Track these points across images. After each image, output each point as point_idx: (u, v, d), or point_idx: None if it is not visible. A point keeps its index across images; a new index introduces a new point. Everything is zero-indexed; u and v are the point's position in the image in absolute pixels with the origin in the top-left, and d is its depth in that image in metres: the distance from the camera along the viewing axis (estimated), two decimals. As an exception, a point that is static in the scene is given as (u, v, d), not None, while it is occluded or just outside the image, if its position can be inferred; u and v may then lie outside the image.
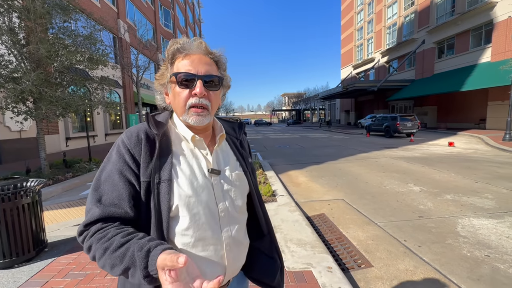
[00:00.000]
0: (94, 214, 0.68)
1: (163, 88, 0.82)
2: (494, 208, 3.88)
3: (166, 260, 0.53)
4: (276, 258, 0.93)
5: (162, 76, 0.81)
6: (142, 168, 0.71)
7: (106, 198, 0.69)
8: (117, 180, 0.70)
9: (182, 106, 0.76)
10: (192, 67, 0.74)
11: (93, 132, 13.83)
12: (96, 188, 0.72)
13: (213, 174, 0.77)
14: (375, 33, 30.56)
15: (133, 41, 16.89)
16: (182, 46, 0.75)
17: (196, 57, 0.76)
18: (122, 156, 0.72)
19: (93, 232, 0.66)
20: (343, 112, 39.49)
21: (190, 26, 38.86)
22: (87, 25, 6.93)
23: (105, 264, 0.62)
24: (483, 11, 17.17)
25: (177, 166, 0.74)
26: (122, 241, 0.62)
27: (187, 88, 0.74)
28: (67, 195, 5.34)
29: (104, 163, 0.75)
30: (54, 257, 2.64)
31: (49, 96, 5.84)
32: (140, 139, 0.73)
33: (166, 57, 0.79)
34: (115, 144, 0.76)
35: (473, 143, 11.76)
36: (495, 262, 2.50)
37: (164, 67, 0.81)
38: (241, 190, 0.84)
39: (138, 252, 0.58)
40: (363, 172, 6.53)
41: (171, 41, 0.78)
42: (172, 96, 0.79)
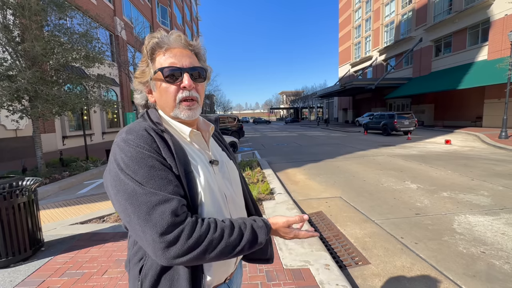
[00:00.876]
0: (173, 205, 0.61)
1: (145, 87, 0.79)
2: (490, 205, 3.92)
3: (289, 221, 0.75)
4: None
5: (143, 74, 0.77)
6: (169, 162, 0.68)
7: (167, 191, 0.63)
8: (163, 173, 0.65)
9: (172, 101, 0.74)
10: (176, 60, 0.73)
11: (90, 130, 13.76)
12: (144, 188, 0.62)
13: (213, 164, 0.81)
14: (373, 31, 30.57)
15: (130, 38, 16.77)
16: (161, 41, 0.73)
17: (178, 50, 0.74)
18: (148, 152, 0.66)
19: (193, 225, 0.62)
20: (341, 110, 39.55)
21: (188, 24, 38.63)
22: (83, 22, 6.87)
23: (223, 249, 0.64)
24: (480, 9, 17.22)
25: (191, 159, 0.75)
26: (229, 225, 0.68)
27: (174, 82, 0.73)
28: (64, 194, 5.31)
29: (127, 169, 0.64)
30: (50, 256, 2.62)
31: (45, 94, 5.78)
32: (152, 136, 0.69)
33: (144, 53, 0.75)
34: (122, 148, 0.66)
35: (470, 141, 11.84)
36: (491, 259, 2.53)
37: (144, 64, 0.77)
38: (235, 177, 0.89)
39: (257, 226, 0.71)
40: (360, 170, 6.56)
41: (147, 36, 0.75)
42: (159, 93, 0.76)
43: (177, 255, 0.59)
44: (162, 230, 0.59)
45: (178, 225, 0.60)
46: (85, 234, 3.12)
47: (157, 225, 0.59)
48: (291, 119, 50.50)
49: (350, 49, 36.58)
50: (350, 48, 36.56)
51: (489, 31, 16.89)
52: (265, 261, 0.98)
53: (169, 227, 0.59)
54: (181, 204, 0.64)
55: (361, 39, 33.63)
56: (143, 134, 0.68)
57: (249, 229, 0.69)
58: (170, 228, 0.59)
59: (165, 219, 0.59)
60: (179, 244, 0.59)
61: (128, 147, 0.66)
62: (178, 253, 0.59)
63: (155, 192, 0.62)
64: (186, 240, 0.60)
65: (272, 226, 0.74)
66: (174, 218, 0.60)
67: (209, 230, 0.63)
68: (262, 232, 0.70)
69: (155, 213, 0.60)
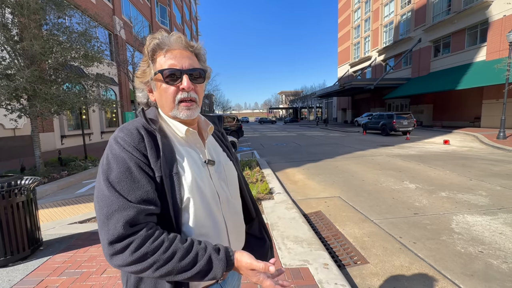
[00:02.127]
0: (128, 216, 0.62)
1: (146, 86, 0.81)
2: (488, 205, 3.94)
3: (253, 265, 0.66)
4: (266, 239, 0.98)
5: (144, 74, 0.79)
6: (152, 163, 0.69)
7: (133, 196, 0.64)
8: (137, 176, 0.66)
9: (171, 102, 0.76)
10: (176, 61, 0.74)
11: (89, 130, 13.72)
12: (113, 189, 0.64)
13: (209, 164, 0.81)
14: (372, 31, 30.62)
15: (129, 38, 16.73)
16: (161, 42, 0.75)
17: (178, 52, 0.76)
18: (130, 153, 0.68)
19: (144, 240, 0.62)
20: (340, 110, 39.60)
21: (187, 23, 38.57)
22: (82, 21, 6.84)
23: (170, 271, 0.62)
24: (479, 10, 17.28)
25: (180, 159, 0.75)
26: (186, 247, 0.64)
27: (174, 83, 0.75)
28: (62, 193, 5.30)
29: (106, 165, 0.67)
30: (49, 256, 2.62)
31: (43, 93, 5.76)
32: (141, 135, 0.71)
33: (145, 54, 0.77)
34: (111, 145, 0.70)
35: (468, 141, 11.89)
36: (489, 258, 2.54)
37: (144, 64, 0.79)
38: (233, 178, 0.89)
39: (216, 258, 0.66)
40: (359, 170, 6.57)
41: (148, 37, 0.76)
42: (158, 93, 0.78)
43: (122, 264, 0.61)
44: (112, 238, 0.60)
45: (128, 237, 0.61)
46: (84, 233, 3.11)
47: (109, 233, 0.61)
48: (290, 119, 50.53)
49: (349, 49, 36.62)
50: (349, 48, 36.61)
51: (487, 32, 16.95)
52: None
53: (119, 238, 0.61)
54: (142, 213, 0.64)
55: (360, 39, 33.68)
56: (132, 133, 0.70)
57: (206, 258, 0.65)
58: (120, 238, 0.61)
59: (117, 229, 0.61)
60: (125, 255, 0.60)
61: (115, 145, 0.69)
62: (122, 263, 0.61)
63: (118, 196, 0.63)
64: (131, 253, 0.60)
65: (234, 263, 0.68)
66: (126, 229, 0.61)
67: (159, 249, 0.62)
68: (219, 266, 0.65)
69: (111, 220, 0.61)
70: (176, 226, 0.70)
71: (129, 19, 17.50)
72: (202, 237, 0.74)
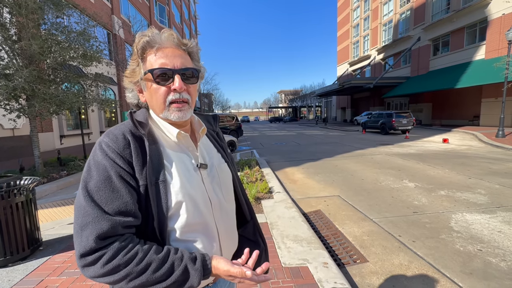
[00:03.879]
0: (101, 229, 0.60)
1: (136, 86, 0.77)
2: (487, 203, 3.95)
3: (230, 272, 0.66)
4: (260, 242, 0.96)
5: (133, 73, 0.75)
6: (137, 171, 0.66)
7: (110, 207, 0.62)
8: (117, 185, 0.64)
9: (161, 103, 0.72)
10: (167, 60, 0.70)
11: (88, 129, 13.69)
12: (90, 199, 0.62)
13: (201, 168, 0.78)
14: (371, 30, 30.59)
15: (128, 37, 16.68)
16: (151, 39, 0.71)
17: (169, 50, 0.72)
18: (113, 160, 0.65)
19: (116, 253, 0.60)
20: (339, 109, 39.59)
21: (186, 23, 38.47)
22: (80, 21, 6.82)
23: (144, 283, 0.61)
24: (478, 8, 17.28)
25: (169, 165, 0.72)
26: (161, 258, 0.63)
27: (165, 84, 0.71)
28: (62, 193, 5.29)
29: (87, 172, 0.65)
30: (49, 256, 2.62)
31: (42, 93, 5.75)
32: (127, 141, 0.68)
33: (135, 52, 0.73)
34: (95, 150, 0.67)
35: (467, 140, 11.91)
36: (487, 256, 2.55)
37: (134, 63, 0.74)
38: (227, 181, 0.86)
39: (192, 268, 0.65)
40: (359, 169, 6.58)
41: (138, 34, 0.72)
42: (149, 94, 0.74)
43: (94, 276, 0.60)
44: (83, 251, 0.60)
45: (99, 250, 0.60)
46: (84, 233, 3.11)
47: (81, 245, 0.60)
48: (290, 118, 50.47)
49: (348, 48, 36.59)
50: (348, 47, 36.58)
51: (486, 30, 16.95)
52: None
53: (90, 251, 0.60)
54: (118, 225, 0.62)
55: (360, 38, 33.65)
56: (118, 138, 0.67)
57: (181, 268, 0.63)
58: (91, 251, 0.60)
59: (89, 242, 0.59)
60: (96, 267, 0.59)
61: (98, 151, 0.66)
62: (94, 275, 0.60)
63: (94, 207, 0.61)
64: (102, 266, 0.59)
65: (212, 271, 0.67)
66: (98, 242, 0.60)
67: (132, 261, 0.60)
68: (196, 276, 0.64)
69: (84, 231, 0.60)
70: (161, 236, 0.68)
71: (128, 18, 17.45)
72: (192, 243, 0.73)
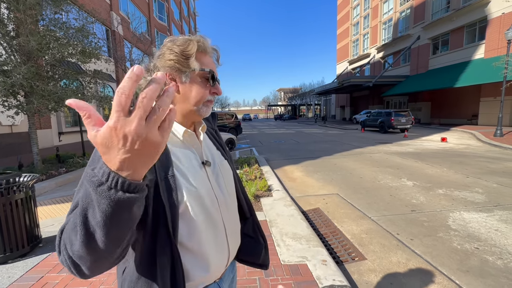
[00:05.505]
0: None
1: (176, 72, 0.75)
2: (484, 202, 3.98)
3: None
4: (260, 239, 0.99)
5: (186, 62, 0.75)
6: None
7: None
8: None
9: (201, 99, 0.78)
10: (213, 67, 0.80)
11: (87, 126, 13.62)
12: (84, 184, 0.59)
13: (206, 165, 0.80)
14: (371, 28, 30.54)
15: (127, 34, 16.58)
16: (206, 45, 0.80)
17: (211, 60, 0.82)
18: None
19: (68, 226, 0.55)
20: (338, 108, 39.61)
21: (185, 20, 38.24)
22: (79, 17, 6.78)
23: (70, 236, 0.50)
24: (478, 7, 17.27)
25: (176, 161, 0.73)
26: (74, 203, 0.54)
27: (209, 85, 0.79)
28: (61, 190, 5.29)
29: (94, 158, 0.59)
30: (49, 253, 2.63)
31: (40, 89, 5.72)
32: None
33: (193, 48, 0.75)
34: None
35: (465, 139, 11.96)
36: (484, 254, 2.58)
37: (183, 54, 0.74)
38: (228, 178, 0.88)
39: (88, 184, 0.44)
40: (357, 167, 6.60)
41: (198, 35, 0.79)
42: (189, 87, 0.76)
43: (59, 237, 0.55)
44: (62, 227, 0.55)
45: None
46: (83, 230, 3.12)
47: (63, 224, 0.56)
48: (289, 116, 50.46)
49: (348, 46, 36.53)
50: (348, 45, 36.52)
51: (486, 30, 16.96)
52: (258, 266, 0.98)
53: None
54: None
55: (359, 36, 33.59)
56: None
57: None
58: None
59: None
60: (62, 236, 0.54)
61: None
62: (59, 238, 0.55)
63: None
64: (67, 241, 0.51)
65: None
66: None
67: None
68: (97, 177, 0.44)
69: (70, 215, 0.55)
70: (173, 231, 0.67)
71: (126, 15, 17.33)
72: (201, 240, 0.73)
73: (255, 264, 0.98)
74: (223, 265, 0.81)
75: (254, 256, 0.97)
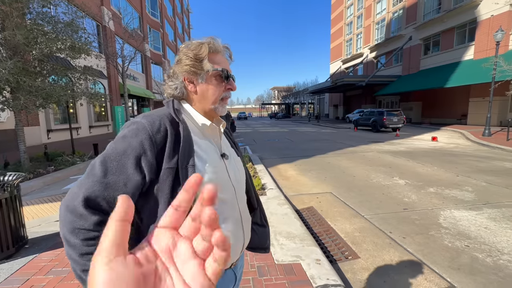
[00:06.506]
0: (92, 190, 0.66)
1: (188, 75, 0.83)
2: (474, 200, 4.06)
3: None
4: (266, 225, 1.08)
5: (200, 65, 0.82)
6: (167, 154, 0.72)
7: (112, 178, 0.68)
8: (129, 164, 0.69)
9: (217, 97, 0.84)
10: (227, 66, 0.86)
11: (77, 124, 13.35)
12: (103, 162, 0.69)
13: (224, 158, 0.87)
14: (364, 28, 30.79)
15: (118, 30, 16.26)
16: (217, 46, 0.85)
17: (225, 58, 0.88)
18: (141, 141, 0.71)
19: (85, 227, 0.65)
20: (331, 107, 39.88)
21: (178, 16, 37.77)
22: (68, 11, 6.57)
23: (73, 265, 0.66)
24: (468, 9, 17.59)
25: (199, 151, 0.79)
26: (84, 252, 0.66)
27: (223, 83, 0.85)
28: (49, 189, 5.15)
29: (115, 142, 0.72)
30: (35, 254, 2.54)
31: (27, 85, 5.54)
32: (164, 126, 0.74)
33: (205, 49, 0.82)
34: (131, 127, 0.73)
35: (455, 138, 12.20)
36: (474, 252, 2.62)
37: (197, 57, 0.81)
38: (242, 172, 0.95)
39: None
40: (350, 166, 6.65)
41: (209, 38, 0.84)
42: (206, 86, 0.83)
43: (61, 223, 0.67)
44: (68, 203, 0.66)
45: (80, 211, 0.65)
46: (72, 230, 3.03)
47: (69, 197, 0.67)
48: (283, 114, 50.51)
49: (341, 46, 36.76)
50: (341, 45, 36.74)
51: (475, 31, 17.31)
52: (263, 250, 1.06)
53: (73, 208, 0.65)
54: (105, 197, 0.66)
55: (353, 36, 33.83)
56: (155, 122, 0.74)
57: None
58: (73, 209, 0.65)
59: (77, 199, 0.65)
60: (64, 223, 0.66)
61: (133, 129, 0.72)
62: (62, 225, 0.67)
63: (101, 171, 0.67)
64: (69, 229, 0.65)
65: None
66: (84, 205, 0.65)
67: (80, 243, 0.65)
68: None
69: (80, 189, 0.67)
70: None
71: (118, 10, 16.98)
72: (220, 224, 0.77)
73: (262, 248, 1.06)
74: (238, 251, 0.87)
75: (263, 240, 1.05)
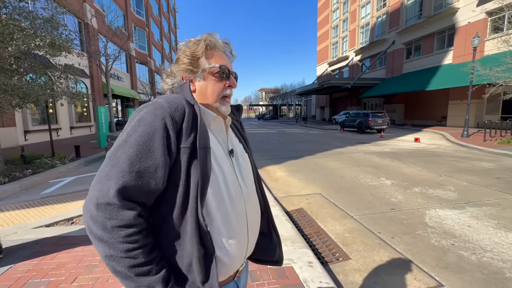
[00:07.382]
0: (123, 181, 0.61)
1: (187, 74, 0.82)
2: (457, 199, 4.20)
3: None
4: (274, 235, 0.99)
5: (197, 63, 0.81)
6: (184, 133, 0.70)
7: (139, 166, 0.63)
8: (156, 146, 0.65)
9: (217, 95, 0.82)
10: (226, 63, 0.84)
11: (57, 125, 12.80)
12: (125, 150, 0.64)
13: (231, 155, 0.83)
14: (350, 31, 31.53)
15: (102, 27, 15.76)
16: (215, 42, 0.84)
17: (225, 55, 0.86)
18: (163, 120, 0.67)
19: (125, 223, 0.62)
20: (318, 108, 40.49)
21: (164, 15, 37.14)
22: (47, 6, 6.29)
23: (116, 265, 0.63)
24: (447, 16, 18.41)
25: (211, 143, 0.76)
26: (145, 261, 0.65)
27: (223, 80, 0.82)
28: (26, 194, 4.86)
29: (135, 126, 0.67)
30: (10, 264, 2.36)
31: (3, 84, 5.22)
32: (182, 105, 0.72)
33: (201, 46, 0.81)
34: (147, 108, 0.70)
35: (436, 139, 12.68)
36: (459, 250, 2.69)
37: (193, 55, 0.81)
38: (249, 171, 0.90)
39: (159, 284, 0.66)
40: (338, 167, 6.73)
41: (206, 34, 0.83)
42: (206, 84, 0.81)
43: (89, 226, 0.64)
44: (101, 200, 0.61)
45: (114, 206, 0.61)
46: (51, 238, 2.86)
47: (101, 193, 0.61)
48: (270, 116, 50.76)
49: (328, 49, 37.45)
50: (328, 48, 37.43)
51: (454, 37, 18.13)
52: (273, 263, 0.99)
53: (107, 204, 0.61)
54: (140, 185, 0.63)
55: (339, 39, 34.55)
56: (173, 102, 0.71)
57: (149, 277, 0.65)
58: (107, 204, 0.61)
59: (109, 194, 0.61)
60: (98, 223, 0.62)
61: (152, 110, 0.68)
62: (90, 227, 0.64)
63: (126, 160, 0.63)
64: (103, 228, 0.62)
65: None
66: (118, 198, 0.61)
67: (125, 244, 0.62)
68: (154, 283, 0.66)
69: (110, 181, 0.62)
70: (201, 199, 0.68)
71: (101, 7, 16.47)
72: (224, 223, 0.75)
73: (270, 262, 0.99)
74: (241, 257, 0.81)
75: (269, 254, 0.97)
